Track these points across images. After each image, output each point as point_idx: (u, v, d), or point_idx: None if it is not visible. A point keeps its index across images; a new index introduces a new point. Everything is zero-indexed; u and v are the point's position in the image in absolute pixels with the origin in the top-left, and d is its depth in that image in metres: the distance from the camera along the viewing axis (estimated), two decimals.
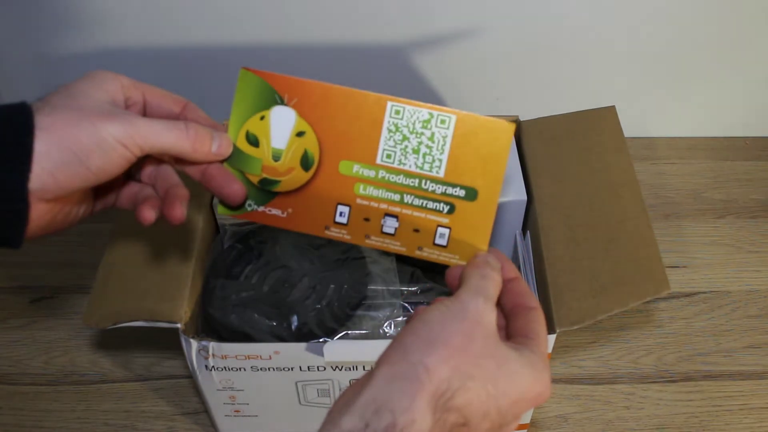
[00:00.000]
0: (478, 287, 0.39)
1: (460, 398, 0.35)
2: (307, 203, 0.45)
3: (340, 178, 0.45)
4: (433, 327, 0.37)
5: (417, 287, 0.63)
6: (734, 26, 0.82)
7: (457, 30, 0.82)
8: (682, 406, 0.68)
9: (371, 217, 0.45)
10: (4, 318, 0.75)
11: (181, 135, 0.41)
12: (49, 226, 0.41)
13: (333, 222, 0.45)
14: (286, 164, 0.45)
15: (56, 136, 0.37)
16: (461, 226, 0.45)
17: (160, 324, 0.52)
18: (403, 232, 0.45)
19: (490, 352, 0.37)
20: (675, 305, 0.76)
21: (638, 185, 0.59)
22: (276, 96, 0.44)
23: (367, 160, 0.45)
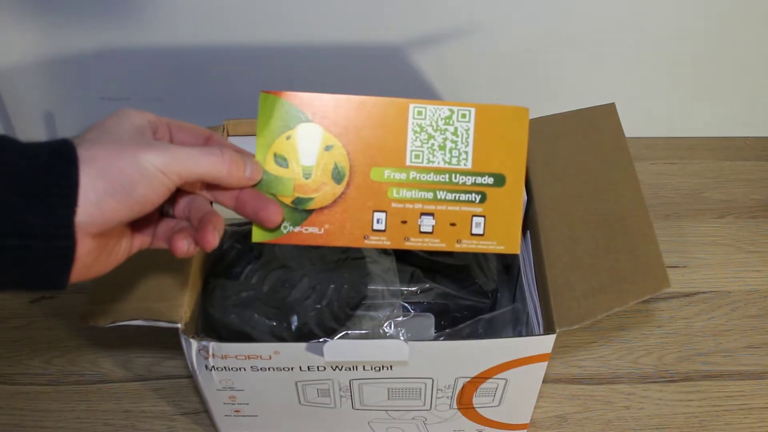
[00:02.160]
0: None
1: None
2: (343, 216, 0.46)
3: (372, 185, 0.46)
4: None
5: (417, 287, 0.63)
6: (734, 26, 0.82)
7: (457, 30, 0.82)
8: (682, 406, 0.68)
9: (408, 219, 0.46)
10: (4, 318, 0.75)
11: (217, 160, 0.41)
12: (93, 266, 0.40)
13: (371, 230, 0.46)
14: (318, 180, 0.45)
15: (98, 167, 0.37)
16: (494, 213, 0.46)
17: (160, 324, 0.52)
18: (441, 228, 0.46)
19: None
20: (675, 305, 0.76)
21: (638, 183, 0.59)
22: (300, 114, 0.45)
23: (397, 164, 0.46)
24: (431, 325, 0.62)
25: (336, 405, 0.59)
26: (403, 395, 0.58)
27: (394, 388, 0.58)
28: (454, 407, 0.60)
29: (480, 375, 0.56)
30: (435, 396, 0.58)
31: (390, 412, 0.61)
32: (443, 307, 0.63)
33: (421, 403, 0.59)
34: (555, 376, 0.70)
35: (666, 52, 0.84)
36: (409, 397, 0.59)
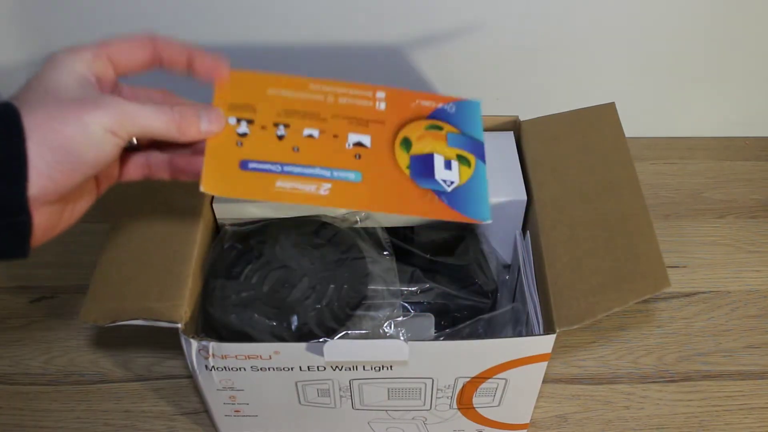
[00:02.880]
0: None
1: None
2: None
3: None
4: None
5: (417, 287, 0.63)
6: (734, 26, 0.82)
7: (456, 30, 0.82)
8: (682, 406, 0.68)
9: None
10: (4, 318, 0.75)
11: (167, 119, 0.40)
12: (56, 227, 0.40)
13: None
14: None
15: (44, 136, 0.36)
16: None
17: (160, 323, 0.52)
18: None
19: None
20: (675, 305, 0.76)
21: (638, 182, 0.59)
22: None
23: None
24: (431, 325, 0.62)
25: (336, 405, 0.59)
26: (403, 395, 0.58)
27: (394, 388, 0.58)
28: (454, 407, 0.60)
29: (480, 375, 0.56)
30: (435, 396, 0.58)
31: (390, 412, 0.61)
32: (443, 307, 0.63)
33: (421, 403, 0.59)
34: (555, 376, 0.70)
35: (666, 52, 0.84)
36: (409, 397, 0.59)
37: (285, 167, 0.45)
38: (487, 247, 0.65)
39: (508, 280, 0.67)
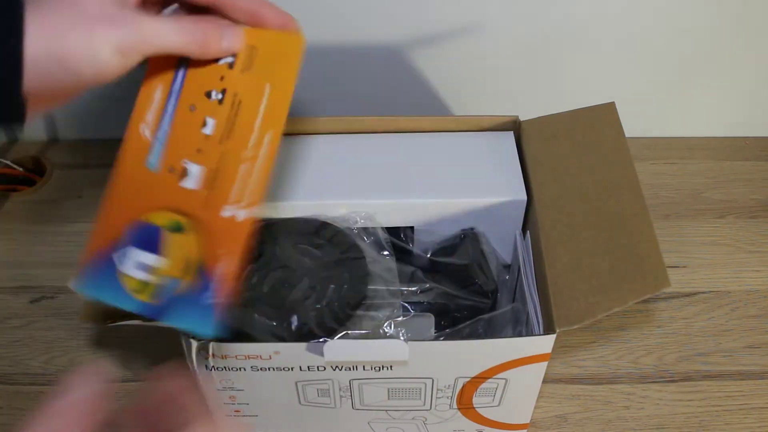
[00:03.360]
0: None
1: None
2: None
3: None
4: None
5: (417, 287, 0.63)
6: (734, 26, 0.82)
7: (456, 30, 0.82)
8: (682, 406, 0.68)
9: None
10: (4, 318, 0.75)
11: (189, 39, 0.38)
12: (54, 100, 0.37)
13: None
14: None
15: (45, 42, 0.33)
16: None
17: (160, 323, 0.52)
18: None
19: None
20: (675, 305, 0.76)
21: (638, 181, 0.59)
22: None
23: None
24: (431, 325, 0.62)
25: (336, 405, 0.59)
26: (403, 395, 0.58)
27: (394, 388, 0.58)
28: (454, 407, 0.60)
29: (480, 375, 0.56)
30: (435, 396, 0.58)
31: (390, 412, 0.61)
32: (443, 307, 0.63)
33: (421, 403, 0.59)
34: (555, 376, 0.70)
35: (666, 52, 0.84)
36: (409, 397, 0.59)
37: None
38: (487, 247, 0.65)
39: (508, 280, 0.67)
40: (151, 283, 0.44)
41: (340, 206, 0.62)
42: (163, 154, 0.43)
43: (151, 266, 0.43)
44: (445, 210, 0.63)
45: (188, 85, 0.43)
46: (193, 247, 0.43)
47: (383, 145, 0.66)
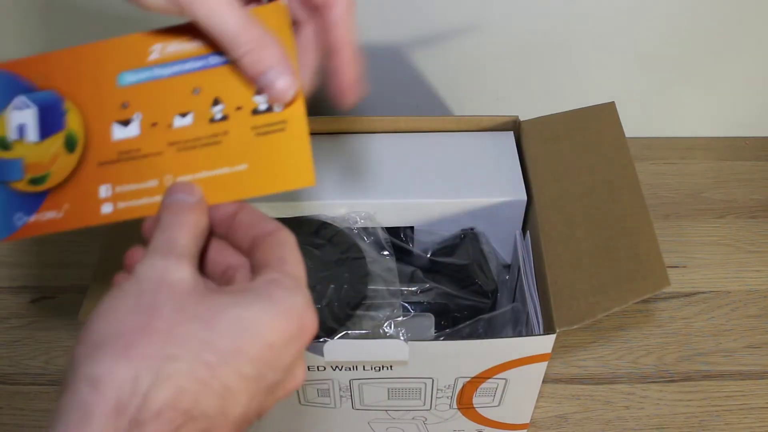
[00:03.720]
0: (157, 245, 0.31)
1: (160, 394, 0.26)
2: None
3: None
4: (102, 321, 0.28)
5: (417, 287, 0.63)
6: (734, 26, 0.82)
7: (456, 29, 0.82)
8: (682, 406, 0.68)
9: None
10: (4, 318, 0.75)
11: (246, 36, 0.34)
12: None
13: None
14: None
15: None
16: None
17: None
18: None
19: (189, 314, 0.28)
20: (675, 305, 0.76)
21: (638, 181, 0.59)
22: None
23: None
24: (431, 325, 0.62)
25: (336, 405, 0.59)
26: (403, 395, 0.58)
27: (394, 388, 0.58)
28: (454, 407, 0.60)
29: (480, 375, 0.56)
30: (435, 396, 0.58)
31: (390, 412, 0.61)
32: (443, 307, 0.63)
33: (421, 403, 0.59)
34: (555, 376, 0.70)
35: (666, 51, 0.84)
36: (409, 397, 0.59)
37: None
38: (487, 247, 0.65)
39: (508, 280, 0.67)
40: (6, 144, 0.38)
41: (340, 206, 0.62)
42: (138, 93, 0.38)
43: (25, 137, 0.38)
44: (445, 210, 0.63)
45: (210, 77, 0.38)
46: (63, 165, 0.38)
47: (383, 145, 0.66)
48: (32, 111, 0.38)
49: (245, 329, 0.28)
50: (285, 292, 0.29)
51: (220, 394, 0.27)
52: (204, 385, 0.27)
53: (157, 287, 0.28)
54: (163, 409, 0.26)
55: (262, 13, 0.38)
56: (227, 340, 0.27)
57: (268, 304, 0.29)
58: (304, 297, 0.30)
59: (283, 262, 0.31)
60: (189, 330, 0.27)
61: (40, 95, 0.38)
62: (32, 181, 0.38)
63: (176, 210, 0.32)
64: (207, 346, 0.27)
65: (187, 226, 0.31)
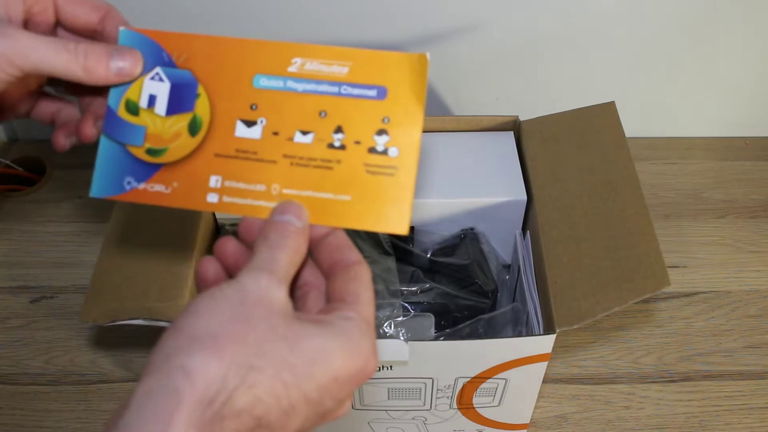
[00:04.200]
0: (263, 261, 0.33)
1: (242, 398, 0.29)
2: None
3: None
4: (201, 318, 0.30)
5: (417, 287, 0.63)
6: (734, 26, 0.82)
7: (456, 29, 0.82)
8: (682, 406, 0.68)
9: None
10: (4, 318, 0.75)
11: (69, 57, 0.36)
12: None
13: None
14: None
15: None
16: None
17: (160, 323, 0.52)
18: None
19: (279, 334, 0.30)
20: (675, 305, 0.76)
21: (638, 181, 0.59)
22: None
23: None
24: (431, 325, 0.62)
25: None
26: (403, 395, 0.58)
27: (394, 388, 0.58)
28: (454, 407, 0.60)
29: (480, 375, 0.56)
30: (435, 396, 0.58)
31: (390, 412, 0.61)
32: (443, 307, 0.63)
33: (421, 403, 0.59)
34: (555, 376, 0.70)
35: (666, 51, 0.84)
36: (409, 397, 0.58)
37: None
38: (487, 247, 0.65)
39: (508, 280, 0.67)
40: (139, 112, 0.40)
41: None
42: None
43: (154, 108, 0.40)
44: (445, 210, 0.63)
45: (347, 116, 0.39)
46: (182, 145, 0.39)
47: None
48: (166, 86, 0.40)
49: (320, 359, 0.31)
50: (359, 335, 0.32)
51: (286, 411, 0.30)
52: (277, 399, 0.30)
53: (257, 302, 0.31)
54: (242, 411, 0.29)
55: (405, 60, 0.40)
56: (304, 365, 0.30)
57: (345, 342, 0.31)
58: (372, 342, 0.32)
59: (358, 300, 0.33)
60: (275, 348, 0.30)
61: (177, 73, 0.40)
62: (149, 151, 0.40)
63: (284, 232, 0.34)
64: (287, 367, 0.30)
65: (290, 250, 0.34)
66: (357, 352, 0.32)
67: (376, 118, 0.39)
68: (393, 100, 0.39)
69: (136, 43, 0.40)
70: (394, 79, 0.39)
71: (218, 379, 0.29)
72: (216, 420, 0.28)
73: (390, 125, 0.39)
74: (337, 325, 0.32)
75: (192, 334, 0.30)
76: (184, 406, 0.28)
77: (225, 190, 0.39)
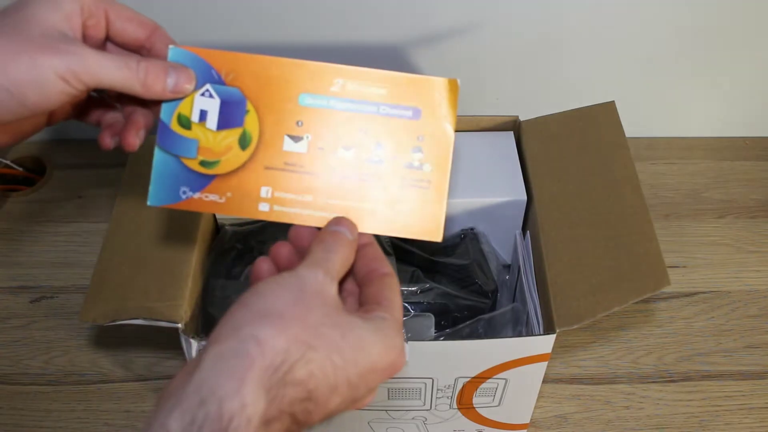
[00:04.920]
0: (319, 260, 0.37)
1: (300, 370, 0.33)
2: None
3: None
4: (267, 298, 0.34)
5: (417, 287, 0.63)
6: (734, 26, 0.82)
7: (456, 30, 0.82)
8: (681, 406, 0.68)
9: None
10: (4, 318, 0.75)
11: (131, 75, 0.38)
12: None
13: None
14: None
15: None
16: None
17: (160, 323, 0.52)
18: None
19: (332, 321, 0.35)
20: (675, 305, 0.76)
21: (638, 180, 0.59)
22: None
23: None
24: (431, 325, 0.62)
25: None
26: (403, 395, 0.58)
27: (394, 388, 0.58)
28: (454, 407, 0.60)
29: (480, 375, 0.56)
30: (435, 396, 0.58)
31: (390, 412, 0.61)
32: (443, 307, 0.63)
33: (421, 403, 0.59)
34: (555, 376, 0.70)
35: (666, 51, 0.84)
36: (409, 397, 0.59)
37: None
38: (487, 247, 0.65)
39: (508, 280, 0.67)
40: (192, 126, 0.43)
41: None
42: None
43: (205, 122, 0.42)
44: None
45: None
46: (233, 158, 0.43)
47: None
48: (216, 102, 0.42)
49: (364, 348, 0.35)
50: (393, 332, 0.36)
51: (331, 389, 0.34)
52: (326, 378, 0.34)
53: (316, 292, 0.35)
54: (299, 381, 0.33)
55: (438, 84, 0.43)
56: (351, 351, 0.34)
57: (383, 337, 0.36)
58: (402, 341, 0.37)
59: (392, 306, 0.38)
60: (329, 333, 0.34)
61: (226, 90, 0.42)
62: (203, 163, 0.42)
63: (339, 239, 0.39)
64: (338, 350, 0.34)
65: (342, 255, 0.38)
66: (392, 347, 0.36)
67: (412, 136, 0.42)
68: (427, 119, 0.43)
69: (185, 60, 0.42)
70: (428, 101, 0.43)
71: (282, 351, 0.32)
72: (279, 385, 0.32)
73: (424, 143, 0.43)
74: (377, 322, 0.36)
75: (259, 310, 0.34)
76: (256, 368, 0.32)
77: (275, 200, 0.42)
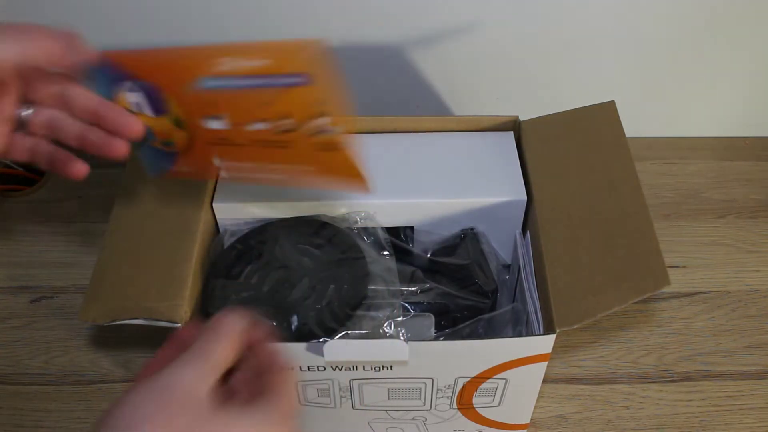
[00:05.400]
0: (195, 355, 0.37)
1: None
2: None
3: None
4: (125, 412, 0.34)
5: (417, 287, 0.63)
6: (734, 26, 0.82)
7: (456, 30, 0.82)
8: (682, 406, 0.68)
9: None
10: (4, 318, 0.75)
11: (48, 39, 0.40)
12: None
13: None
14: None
15: None
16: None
17: (160, 323, 0.52)
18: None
19: (200, 424, 0.34)
20: (675, 305, 0.76)
21: (638, 180, 0.59)
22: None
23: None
24: (431, 325, 0.62)
25: (336, 405, 0.59)
26: (403, 395, 0.58)
27: (394, 388, 0.58)
28: (454, 407, 0.60)
29: (480, 375, 0.56)
30: (435, 396, 0.58)
31: (390, 412, 0.61)
32: (443, 307, 0.63)
33: (421, 403, 0.59)
34: (555, 376, 0.70)
35: (666, 51, 0.84)
36: (409, 397, 0.59)
37: None
38: (487, 247, 0.65)
39: (508, 280, 0.67)
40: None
41: (340, 206, 0.62)
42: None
43: (143, 112, 0.47)
44: (445, 210, 0.63)
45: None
46: (180, 138, 0.47)
47: (383, 145, 0.66)
48: (141, 94, 0.46)
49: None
50: (277, 421, 0.36)
51: None
52: None
53: (184, 394, 0.35)
54: None
55: (307, 47, 0.42)
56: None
57: (264, 423, 0.36)
58: (286, 427, 0.37)
59: (278, 395, 0.38)
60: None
61: (142, 84, 0.45)
62: (164, 143, 0.48)
63: (221, 329, 0.39)
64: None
65: (221, 346, 0.38)
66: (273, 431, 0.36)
67: (312, 101, 0.43)
68: (319, 83, 0.43)
69: (102, 68, 0.45)
70: (311, 65, 0.42)
71: None
72: None
73: (325, 105, 0.43)
74: (261, 410, 0.37)
75: (118, 428, 0.33)
76: None
77: (229, 168, 0.48)
